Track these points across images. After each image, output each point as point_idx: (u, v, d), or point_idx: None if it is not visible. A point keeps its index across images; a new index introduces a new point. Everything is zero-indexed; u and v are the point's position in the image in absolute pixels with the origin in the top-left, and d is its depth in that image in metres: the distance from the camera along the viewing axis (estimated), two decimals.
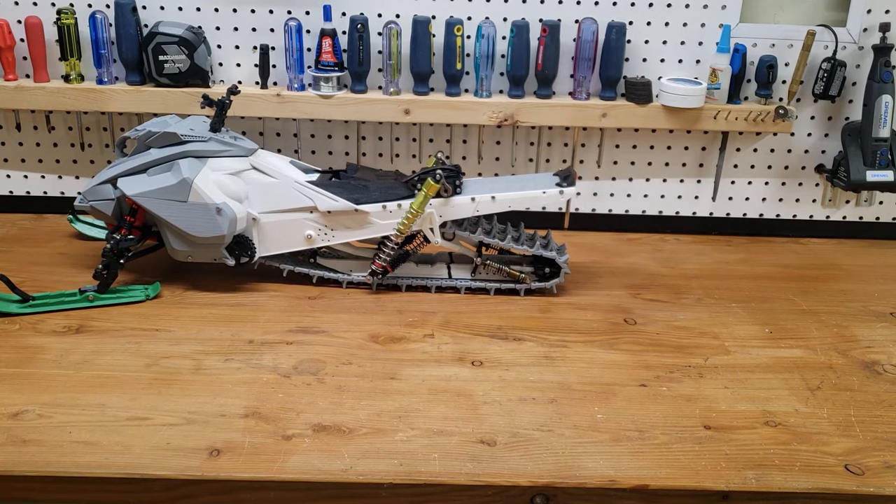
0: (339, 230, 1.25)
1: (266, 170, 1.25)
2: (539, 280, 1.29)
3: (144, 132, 1.24)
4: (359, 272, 1.29)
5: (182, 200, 1.19)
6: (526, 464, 0.90)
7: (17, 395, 0.99)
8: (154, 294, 1.23)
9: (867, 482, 0.89)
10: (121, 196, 1.23)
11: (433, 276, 1.31)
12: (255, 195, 1.24)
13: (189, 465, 0.88)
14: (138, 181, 1.21)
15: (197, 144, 1.22)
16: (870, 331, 1.22)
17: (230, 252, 1.24)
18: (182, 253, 1.24)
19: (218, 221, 1.19)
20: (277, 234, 1.26)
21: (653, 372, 1.09)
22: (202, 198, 1.19)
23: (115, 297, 1.22)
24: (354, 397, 1.01)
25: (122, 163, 1.25)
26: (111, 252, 1.22)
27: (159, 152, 1.22)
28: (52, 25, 1.40)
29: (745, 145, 1.52)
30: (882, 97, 1.40)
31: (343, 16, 1.43)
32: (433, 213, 1.23)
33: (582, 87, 1.44)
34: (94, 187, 1.25)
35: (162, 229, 1.24)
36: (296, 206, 1.24)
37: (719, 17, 1.43)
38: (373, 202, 1.23)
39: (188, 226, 1.20)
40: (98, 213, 1.26)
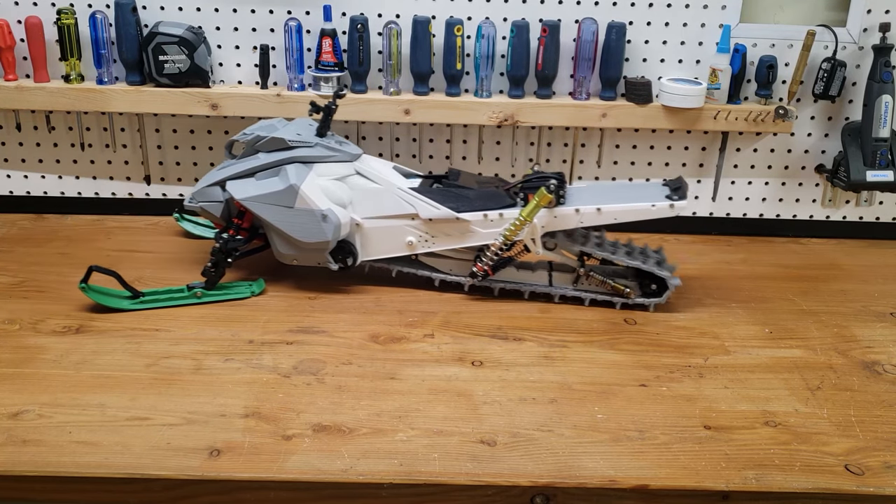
0: (439, 237, 1.24)
1: (370, 175, 1.24)
2: (644, 296, 1.25)
3: (253, 136, 1.24)
4: (458, 272, 1.28)
5: (289, 206, 1.20)
6: (526, 464, 0.90)
7: (17, 395, 0.99)
8: (259, 291, 1.24)
9: (867, 482, 0.89)
10: (229, 198, 1.24)
11: (533, 283, 1.28)
12: (358, 200, 1.24)
13: (189, 465, 0.88)
14: (246, 185, 1.22)
15: (304, 150, 1.22)
16: (870, 331, 1.22)
17: (333, 256, 1.25)
18: (287, 256, 1.25)
19: (323, 227, 1.20)
20: (379, 240, 1.26)
21: (653, 372, 1.09)
22: (308, 204, 1.19)
23: (221, 294, 1.23)
24: (354, 397, 1.01)
25: (231, 166, 1.25)
26: (220, 251, 1.23)
27: (267, 157, 1.23)
28: (52, 25, 1.40)
29: (745, 145, 1.52)
30: (882, 97, 1.40)
31: (343, 16, 1.43)
32: (536, 224, 1.21)
33: (582, 87, 1.44)
34: (204, 189, 1.26)
35: (268, 232, 1.25)
36: (398, 212, 1.24)
37: (719, 17, 1.43)
38: (474, 210, 1.22)
39: (294, 231, 1.21)
40: (207, 214, 1.28)
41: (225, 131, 1.52)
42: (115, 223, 1.52)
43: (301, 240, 1.21)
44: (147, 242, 1.44)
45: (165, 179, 1.55)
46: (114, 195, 1.56)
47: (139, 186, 1.55)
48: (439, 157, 1.53)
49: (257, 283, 1.26)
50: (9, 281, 1.28)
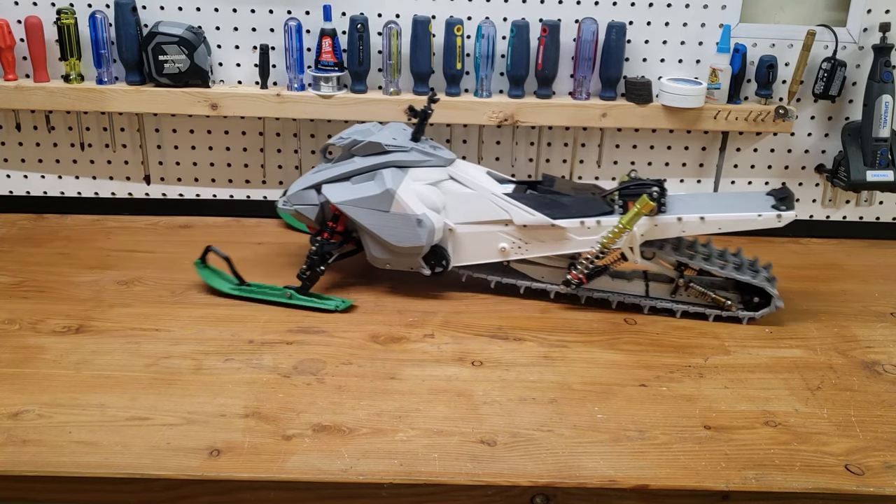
0: (533, 244, 1.23)
1: (463, 180, 1.23)
2: (745, 309, 1.23)
3: (349, 140, 1.24)
4: (550, 279, 1.27)
5: (384, 210, 1.19)
6: (526, 464, 0.90)
7: (17, 395, 0.99)
8: (343, 308, 1.21)
9: (867, 482, 0.89)
10: (325, 202, 1.24)
11: (629, 293, 1.26)
12: (451, 206, 1.23)
13: (189, 465, 0.88)
14: (342, 189, 1.22)
15: (399, 154, 1.22)
16: (870, 331, 1.22)
17: (425, 261, 1.24)
18: (381, 261, 1.25)
19: (418, 232, 1.19)
20: (472, 246, 1.25)
21: (653, 372, 1.09)
22: (404, 208, 1.19)
23: (309, 301, 1.22)
24: (354, 397, 1.01)
25: (327, 169, 1.25)
26: (315, 255, 1.23)
27: (363, 161, 1.23)
28: (51, 25, 1.40)
29: (746, 145, 1.52)
30: (882, 97, 1.40)
31: (343, 16, 1.43)
32: (635, 232, 1.18)
33: (582, 87, 1.44)
34: (299, 192, 1.26)
35: (362, 236, 1.25)
36: (492, 218, 1.22)
37: (719, 17, 1.43)
38: (570, 217, 1.20)
39: (389, 235, 1.21)
40: (301, 217, 1.27)
41: (225, 131, 1.52)
42: (115, 223, 1.52)
43: (396, 244, 1.21)
44: (147, 242, 1.44)
45: (165, 179, 1.55)
46: (114, 195, 1.56)
47: (139, 186, 1.55)
48: None
49: (345, 302, 1.22)
50: (9, 281, 1.28)
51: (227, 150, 1.53)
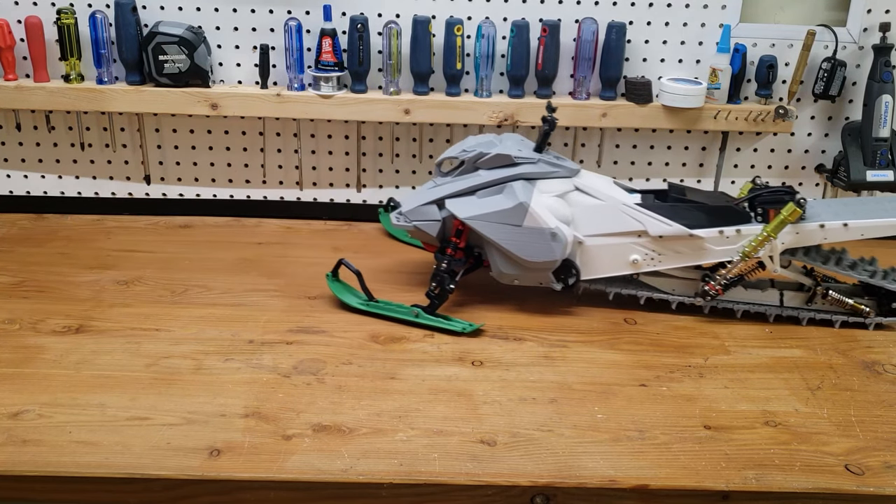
0: (667, 255, 1.19)
1: (591, 191, 1.20)
2: (882, 314, 1.21)
3: (475, 153, 1.20)
4: (682, 292, 1.24)
5: (516, 224, 1.16)
6: (526, 464, 0.90)
7: (17, 395, 0.99)
8: (470, 330, 1.17)
9: (867, 482, 0.89)
10: (447, 217, 1.20)
11: (765, 303, 1.23)
12: (580, 217, 1.19)
13: (189, 465, 0.88)
14: (468, 203, 1.18)
15: (527, 166, 1.18)
16: (870, 331, 1.22)
17: (555, 276, 1.21)
18: (509, 276, 1.21)
19: (552, 246, 1.16)
20: (601, 258, 1.21)
21: (653, 372, 1.09)
22: (538, 222, 1.15)
23: (436, 321, 1.18)
24: (354, 397, 1.01)
25: (448, 184, 1.21)
26: (445, 273, 1.19)
27: (489, 174, 1.19)
28: (52, 25, 1.40)
29: (746, 145, 1.52)
30: (882, 97, 1.40)
31: (343, 16, 1.43)
32: (776, 241, 1.16)
33: (582, 87, 1.44)
34: (419, 207, 1.21)
35: (489, 252, 1.21)
36: (623, 229, 1.19)
37: (719, 17, 1.43)
38: (708, 227, 1.18)
39: (520, 250, 1.17)
40: (421, 234, 1.23)
41: (225, 131, 1.52)
42: (115, 223, 1.52)
43: (528, 259, 1.17)
44: (147, 242, 1.44)
45: (165, 179, 1.55)
46: (114, 195, 1.56)
47: (139, 186, 1.55)
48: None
49: (471, 325, 1.17)
50: (9, 281, 1.28)
51: (228, 150, 1.53)
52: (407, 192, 1.55)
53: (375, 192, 1.56)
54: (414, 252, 1.44)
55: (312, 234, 1.51)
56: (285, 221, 1.55)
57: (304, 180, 1.55)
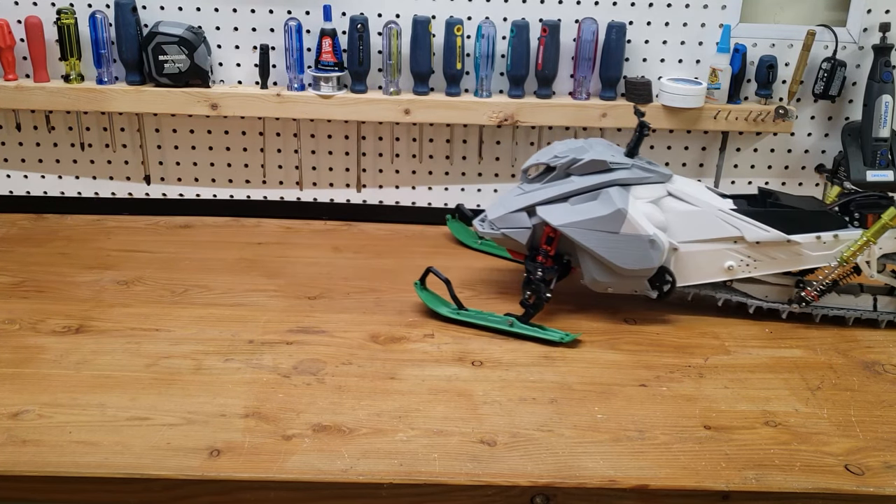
0: (763, 261, 1.18)
1: (685, 197, 1.18)
2: None
3: (568, 159, 1.18)
4: (775, 298, 1.22)
5: (614, 232, 1.14)
6: (526, 464, 0.90)
7: (17, 395, 0.99)
8: (568, 340, 1.15)
9: (867, 482, 0.89)
10: (537, 224, 1.18)
11: (858, 308, 1.22)
12: (673, 224, 1.17)
13: (189, 465, 0.88)
14: (561, 210, 1.16)
15: (622, 172, 1.16)
16: (870, 331, 1.22)
17: (650, 283, 1.19)
18: (602, 284, 1.19)
19: (650, 253, 1.14)
20: (695, 265, 1.19)
21: (653, 372, 1.09)
22: (636, 229, 1.13)
23: (532, 330, 1.16)
24: (354, 397, 1.01)
25: (538, 190, 1.19)
26: (541, 281, 1.17)
27: (582, 180, 1.17)
28: (52, 25, 1.40)
29: (745, 145, 1.52)
30: (882, 97, 1.40)
31: (343, 16, 1.43)
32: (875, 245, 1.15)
33: (582, 87, 1.44)
34: (508, 215, 1.20)
35: (582, 259, 1.19)
36: (719, 235, 1.17)
37: (719, 17, 1.43)
38: (805, 232, 1.16)
39: (617, 257, 1.15)
40: (508, 241, 1.21)
41: (225, 131, 1.52)
42: (115, 223, 1.52)
43: (624, 267, 1.15)
44: (147, 242, 1.44)
45: (165, 179, 1.55)
46: (114, 195, 1.56)
47: (139, 186, 1.55)
48: (439, 157, 1.53)
49: (568, 335, 1.16)
50: (9, 281, 1.28)
51: (228, 150, 1.53)
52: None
53: (375, 192, 1.56)
54: (416, 253, 1.44)
55: (312, 234, 1.51)
56: (285, 221, 1.55)
57: (304, 180, 1.55)
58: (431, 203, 1.57)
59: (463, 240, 1.48)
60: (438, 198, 1.56)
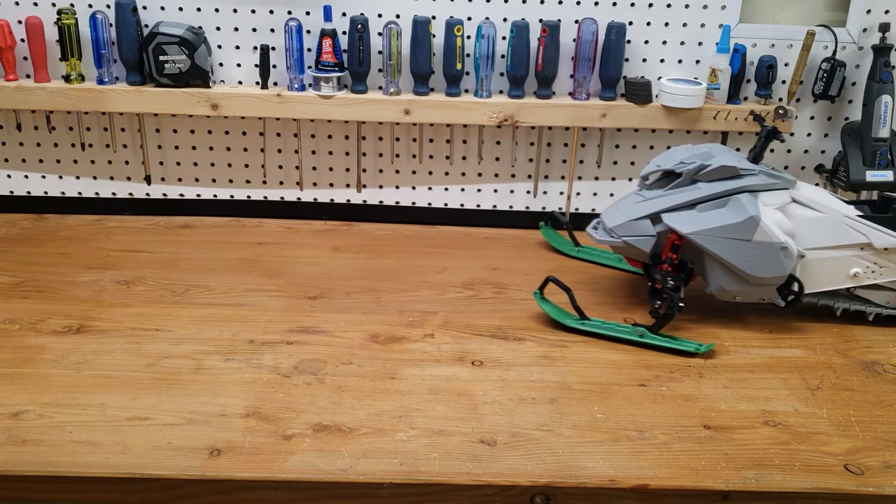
0: (889, 268, 1.16)
1: (810, 203, 1.17)
2: None
3: (695, 165, 1.17)
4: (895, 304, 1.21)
5: (745, 239, 1.12)
6: (526, 464, 0.90)
7: (18, 395, 0.99)
8: (704, 350, 1.14)
9: (867, 482, 0.89)
10: (661, 232, 1.17)
11: None
12: (799, 230, 1.16)
13: (189, 465, 0.88)
14: (690, 218, 1.15)
15: (750, 178, 1.15)
16: (869, 331, 1.22)
17: (778, 290, 1.18)
18: (730, 293, 1.18)
19: (782, 261, 1.13)
20: (820, 272, 1.18)
21: (653, 372, 1.09)
22: (768, 236, 1.12)
23: (663, 341, 1.15)
24: (354, 397, 1.01)
25: (661, 197, 1.18)
26: (673, 290, 1.16)
27: (709, 186, 1.16)
28: (52, 25, 1.40)
29: (745, 145, 1.52)
30: (882, 97, 1.40)
31: (343, 16, 1.43)
32: None
33: (582, 87, 1.44)
34: (630, 223, 1.18)
35: (710, 267, 1.17)
36: (846, 242, 1.16)
37: (719, 18, 1.43)
38: None
39: (748, 265, 1.13)
40: (630, 250, 1.20)
41: (225, 131, 1.52)
42: (115, 223, 1.52)
43: (755, 274, 1.14)
44: (147, 242, 1.44)
45: (166, 179, 1.55)
46: (114, 195, 1.56)
47: (139, 186, 1.56)
48: (439, 157, 1.54)
49: (702, 345, 1.14)
50: (9, 281, 1.28)
51: (228, 150, 1.54)
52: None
53: (375, 192, 1.56)
54: (416, 253, 1.44)
55: (312, 234, 1.51)
56: (285, 221, 1.55)
57: (304, 180, 1.55)
58: (431, 203, 1.57)
59: (558, 247, 1.45)
60: (438, 198, 1.57)
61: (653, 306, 1.18)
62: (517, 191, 1.56)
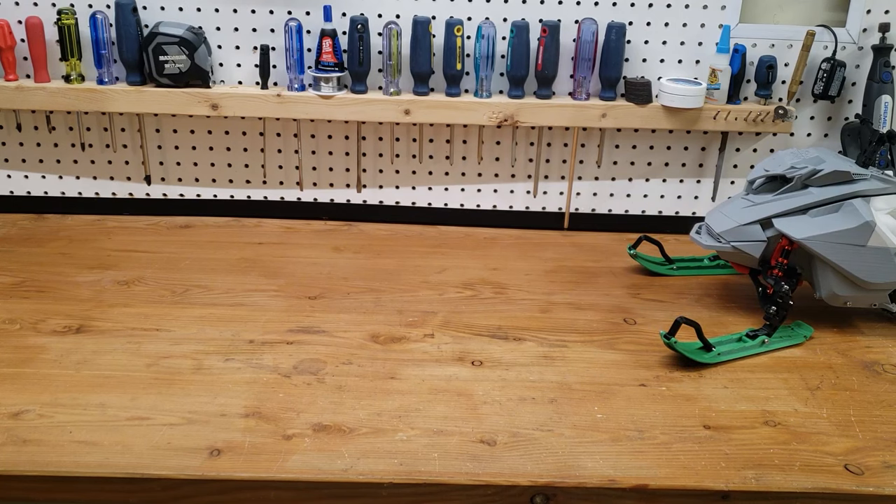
0: None
1: None
2: None
3: (807, 170, 1.16)
4: None
5: (860, 245, 1.12)
6: (526, 463, 0.90)
7: (18, 395, 0.99)
8: (809, 335, 1.18)
9: (867, 482, 0.89)
10: (772, 237, 1.17)
11: None
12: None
13: (189, 464, 0.88)
14: (802, 223, 1.15)
15: (863, 183, 1.15)
16: (869, 331, 1.22)
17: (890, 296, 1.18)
18: (842, 298, 1.17)
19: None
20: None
21: (653, 372, 1.09)
22: (883, 242, 1.12)
23: (782, 341, 1.17)
24: (354, 397, 1.01)
25: (771, 202, 1.18)
26: (787, 295, 1.17)
27: (822, 191, 1.15)
28: (52, 26, 1.41)
29: (745, 145, 1.52)
30: (882, 97, 1.41)
31: (343, 16, 1.43)
32: None
33: (582, 87, 1.44)
34: (739, 228, 1.18)
35: (821, 272, 1.17)
36: None
37: (719, 18, 1.43)
38: None
39: (861, 271, 1.13)
40: (739, 255, 1.20)
41: (225, 131, 1.52)
42: (115, 223, 1.52)
43: (869, 280, 1.13)
44: (147, 242, 1.44)
45: (166, 179, 1.55)
46: (114, 195, 1.56)
47: (139, 186, 1.56)
48: (439, 157, 1.54)
49: (803, 327, 1.19)
50: (9, 281, 1.28)
51: (228, 150, 1.54)
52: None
53: (375, 192, 1.56)
54: (416, 253, 1.44)
55: (312, 234, 1.51)
56: (285, 221, 1.55)
57: (304, 180, 1.55)
58: (431, 203, 1.57)
59: (654, 269, 1.40)
60: (438, 198, 1.57)
61: (767, 311, 1.18)
62: (517, 191, 1.56)
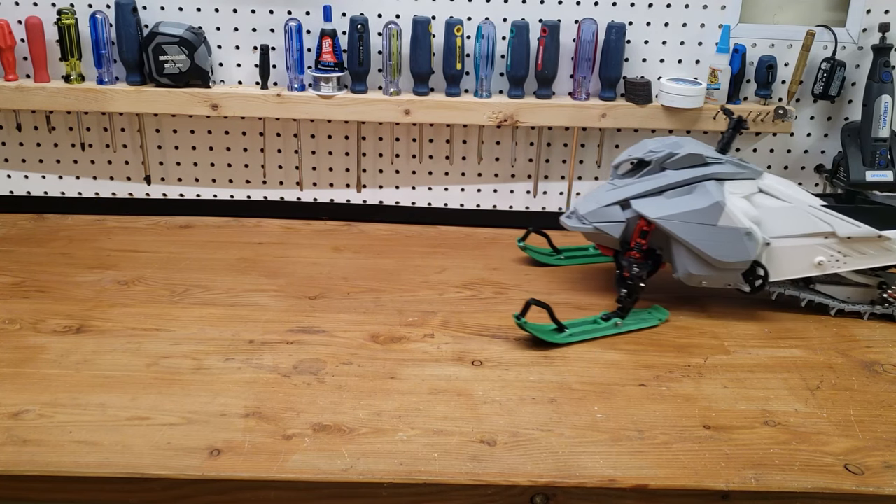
0: (852, 257, 1.19)
1: (775, 193, 1.20)
2: None
3: (664, 153, 1.20)
4: (857, 300, 1.24)
5: (711, 224, 1.15)
6: (526, 463, 0.90)
7: (18, 395, 0.99)
8: (664, 319, 1.21)
9: (867, 482, 0.89)
10: (631, 218, 1.20)
11: None
12: (765, 219, 1.19)
13: (189, 464, 0.88)
14: (657, 203, 1.18)
15: (717, 167, 1.18)
16: (869, 331, 1.22)
17: (744, 277, 1.21)
18: (697, 278, 1.20)
19: (746, 246, 1.16)
20: (785, 260, 1.20)
21: (653, 372, 1.09)
22: (733, 221, 1.15)
23: (636, 324, 1.19)
24: (354, 397, 1.01)
25: (631, 185, 1.21)
26: (638, 277, 1.19)
27: (677, 174, 1.19)
28: (52, 26, 1.41)
29: (745, 145, 1.52)
30: (881, 97, 1.41)
31: (343, 16, 1.43)
32: None
33: (582, 87, 1.44)
34: (600, 209, 1.21)
35: (676, 253, 1.20)
36: (810, 230, 1.19)
37: (719, 18, 1.43)
38: None
39: (713, 250, 1.16)
40: (601, 236, 1.22)
41: (225, 131, 1.52)
42: (115, 223, 1.52)
43: (721, 259, 1.17)
44: (147, 242, 1.44)
45: (166, 179, 1.55)
46: (114, 195, 1.56)
47: (139, 186, 1.56)
48: (439, 157, 1.54)
49: (659, 311, 1.22)
50: (9, 281, 1.28)
51: (228, 150, 1.54)
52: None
53: (375, 192, 1.56)
54: (416, 253, 1.44)
55: (312, 234, 1.51)
56: (285, 221, 1.55)
57: (304, 180, 1.55)
58: (431, 203, 1.57)
59: (542, 260, 1.42)
60: (438, 198, 1.57)
61: (619, 293, 1.20)
62: (517, 191, 1.56)
